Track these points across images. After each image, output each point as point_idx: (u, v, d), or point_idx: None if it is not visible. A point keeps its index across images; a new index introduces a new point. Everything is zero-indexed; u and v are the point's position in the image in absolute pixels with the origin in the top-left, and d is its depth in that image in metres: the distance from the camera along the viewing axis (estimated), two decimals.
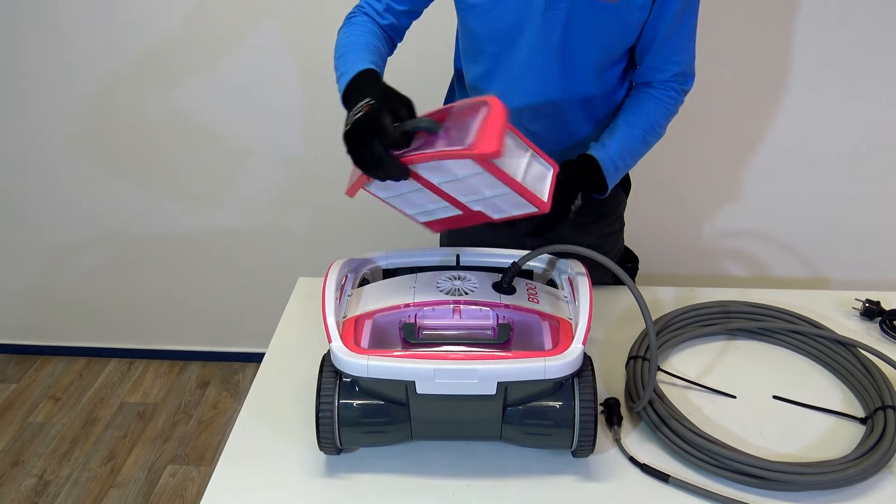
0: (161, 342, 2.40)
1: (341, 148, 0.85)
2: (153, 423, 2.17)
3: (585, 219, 1.30)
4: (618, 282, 1.32)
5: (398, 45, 1.17)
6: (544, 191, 0.88)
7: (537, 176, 0.89)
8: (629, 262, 1.41)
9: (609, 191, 1.11)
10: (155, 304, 2.32)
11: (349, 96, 0.91)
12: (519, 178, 0.85)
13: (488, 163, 0.81)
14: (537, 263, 1.09)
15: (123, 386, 2.32)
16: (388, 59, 1.11)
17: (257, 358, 2.37)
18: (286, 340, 1.20)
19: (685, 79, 1.15)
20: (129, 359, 2.43)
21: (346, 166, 0.94)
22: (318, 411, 0.88)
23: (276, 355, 1.16)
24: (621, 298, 1.27)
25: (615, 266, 0.91)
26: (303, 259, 2.15)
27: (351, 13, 1.13)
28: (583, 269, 1.01)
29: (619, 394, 1.06)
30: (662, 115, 1.14)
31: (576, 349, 0.86)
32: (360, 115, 0.84)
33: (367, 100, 0.86)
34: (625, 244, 1.42)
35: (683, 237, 2.01)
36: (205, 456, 2.05)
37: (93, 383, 2.32)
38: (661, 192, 1.93)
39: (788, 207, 1.94)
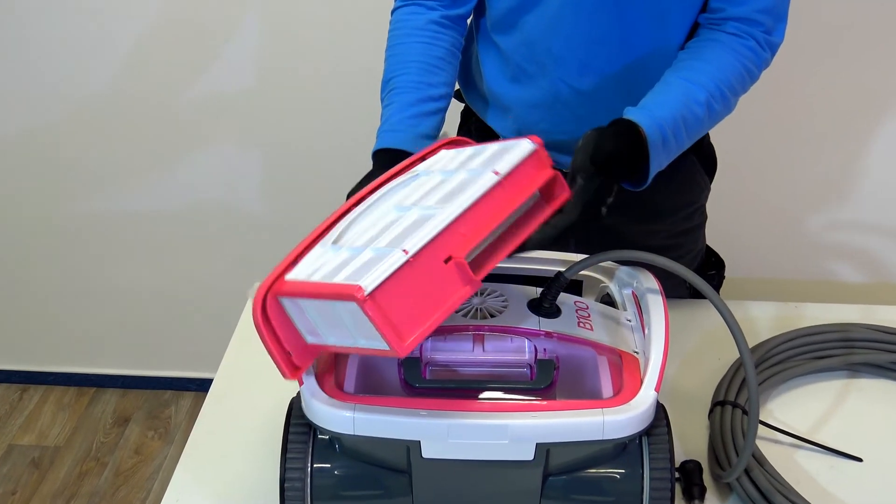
0: (64, 363, 2.39)
1: (312, 118, 0.83)
2: (53, 473, 2.15)
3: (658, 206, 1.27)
4: (695, 294, 1.29)
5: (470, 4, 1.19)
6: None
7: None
8: (712, 268, 1.40)
9: (650, 181, 1.02)
10: (57, 313, 2.30)
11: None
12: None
13: None
14: (589, 272, 1.07)
15: (13, 422, 2.30)
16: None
17: (195, 385, 2.37)
18: (238, 369, 1.18)
19: (773, 24, 1.08)
20: (21, 384, 2.41)
21: (319, 141, 0.92)
22: (282, 480, 0.86)
23: (224, 390, 1.15)
24: (699, 317, 1.26)
25: (706, 285, 0.88)
26: (260, 256, 2.13)
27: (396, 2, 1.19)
28: (654, 283, 0.98)
29: (700, 454, 1.05)
30: (736, 75, 1.06)
31: (646, 397, 0.84)
32: None
33: None
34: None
35: (780, 231, 2.00)
36: None
37: None
38: (749, 172, 1.91)
39: None
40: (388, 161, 1.03)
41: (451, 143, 0.99)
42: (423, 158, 0.97)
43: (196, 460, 1.05)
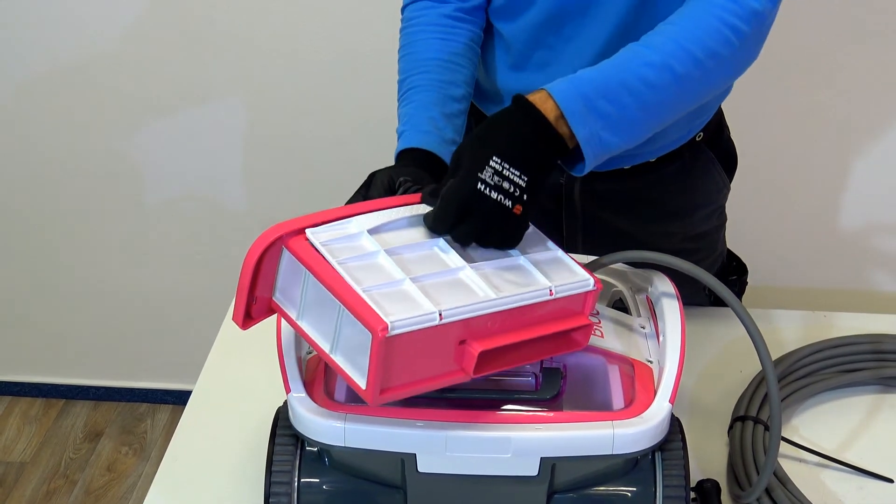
0: (31, 372, 2.39)
1: (302, 111, 0.83)
2: (18, 491, 2.15)
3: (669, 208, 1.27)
4: (716, 302, 1.30)
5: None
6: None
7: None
8: (733, 273, 1.40)
9: (589, 161, 0.93)
10: (23, 318, 2.30)
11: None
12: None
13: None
14: (600, 275, 1.06)
15: None
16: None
17: (173, 398, 2.38)
18: (219, 380, 1.18)
19: None
20: None
21: (310, 136, 0.92)
22: (267, 496, 0.86)
23: (203, 402, 1.15)
24: (719, 326, 1.26)
25: (727, 291, 0.89)
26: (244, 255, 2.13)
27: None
28: (670, 287, 0.99)
29: (719, 473, 1.05)
30: (712, 32, 0.97)
31: (659, 410, 0.85)
32: None
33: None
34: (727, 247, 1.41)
35: (807, 235, 2.00)
36: None
37: None
38: (773, 170, 1.91)
39: None
40: (415, 161, 1.03)
41: None
42: None
43: (173, 478, 1.05)
